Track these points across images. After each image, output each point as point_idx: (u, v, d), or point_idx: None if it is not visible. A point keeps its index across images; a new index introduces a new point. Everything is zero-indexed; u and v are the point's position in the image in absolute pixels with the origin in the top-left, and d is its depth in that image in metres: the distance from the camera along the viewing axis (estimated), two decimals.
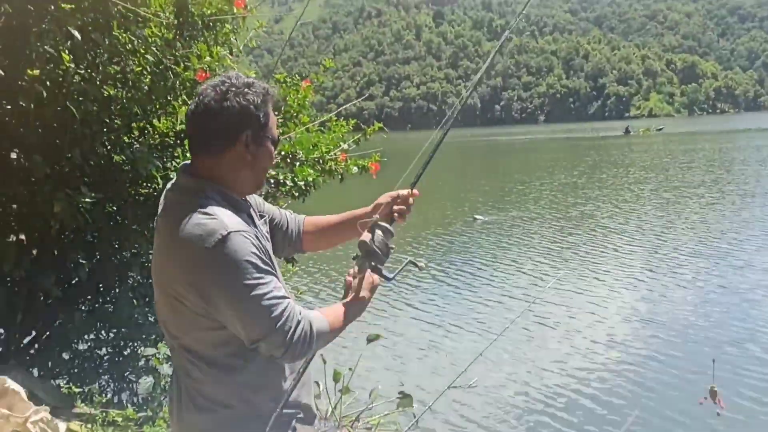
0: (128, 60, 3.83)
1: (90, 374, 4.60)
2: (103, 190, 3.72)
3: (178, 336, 1.79)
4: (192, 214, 1.66)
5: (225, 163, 1.76)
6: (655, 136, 66.68)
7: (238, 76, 1.78)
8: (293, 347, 1.67)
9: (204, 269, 1.62)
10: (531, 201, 20.78)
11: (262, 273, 1.64)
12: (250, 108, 1.73)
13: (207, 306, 1.66)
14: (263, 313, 1.62)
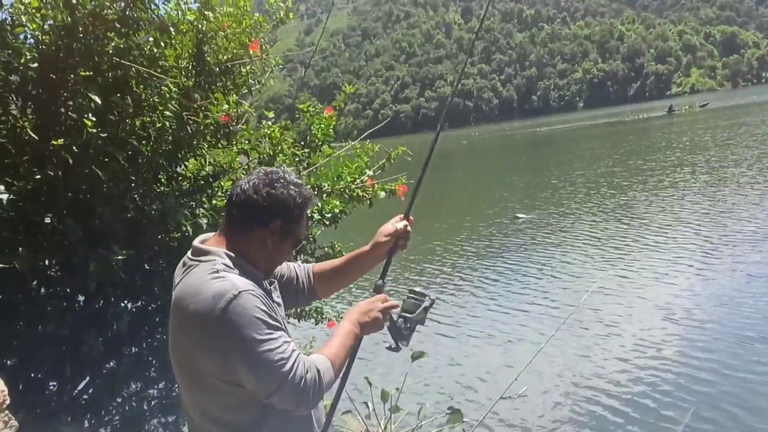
0: (150, 115, 3.94)
1: (139, 419, 4.72)
2: (135, 245, 3.83)
3: (195, 407, 1.87)
4: (205, 276, 1.79)
5: (249, 241, 1.92)
6: (699, 113, 65.07)
7: (291, 174, 1.99)
8: (305, 397, 1.75)
9: (218, 329, 1.71)
10: (570, 196, 20.42)
11: (271, 329, 1.75)
12: (289, 202, 1.93)
13: (224, 365, 1.74)
14: (274, 367, 1.72)
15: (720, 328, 7.69)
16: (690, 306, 8.64)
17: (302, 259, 5.18)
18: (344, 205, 5.05)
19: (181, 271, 1.92)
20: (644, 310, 8.73)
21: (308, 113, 5.58)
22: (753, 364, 6.59)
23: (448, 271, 12.55)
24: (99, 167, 3.53)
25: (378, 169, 5.36)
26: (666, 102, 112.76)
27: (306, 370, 1.77)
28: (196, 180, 4.56)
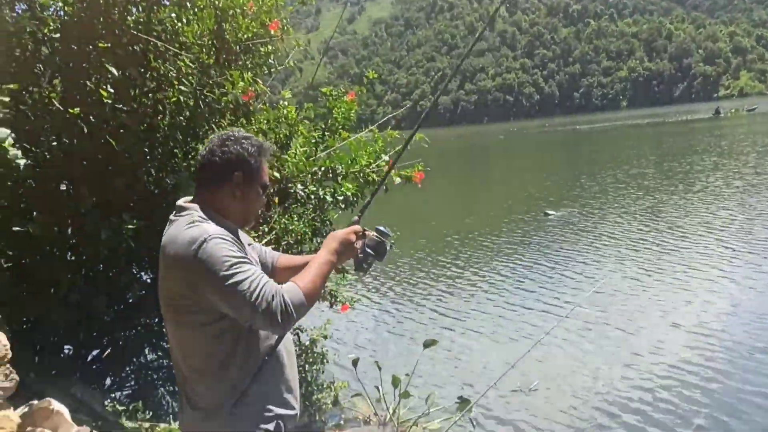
0: (166, 91, 4.01)
1: (149, 386, 4.86)
2: (147, 216, 3.92)
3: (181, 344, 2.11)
4: (183, 227, 2.03)
5: (218, 196, 2.16)
6: (745, 117, 63.51)
7: (240, 131, 2.23)
8: (274, 318, 1.95)
9: (195, 270, 1.95)
10: (602, 195, 20.11)
11: (238, 264, 1.97)
12: (244, 154, 2.15)
13: (202, 300, 1.99)
14: (243, 295, 1.93)
15: (733, 336, 7.51)
16: (705, 310, 8.46)
17: (317, 243, 5.24)
18: (358, 189, 5.08)
19: (166, 226, 2.13)
20: (662, 311, 8.59)
21: (330, 96, 5.63)
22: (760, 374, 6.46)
23: (470, 262, 12.52)
24: (114, 139, 3.61)
25: (394, 155, 5.38)
26: (712, 104, 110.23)
27: (272, 296, 1.95)
28: None
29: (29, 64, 3.81)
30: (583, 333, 8.03)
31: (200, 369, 2.07)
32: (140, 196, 4.00)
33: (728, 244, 11.85)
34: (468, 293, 10.38)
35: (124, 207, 3.80)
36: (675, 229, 13.80)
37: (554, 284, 10.47)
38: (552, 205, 18.42)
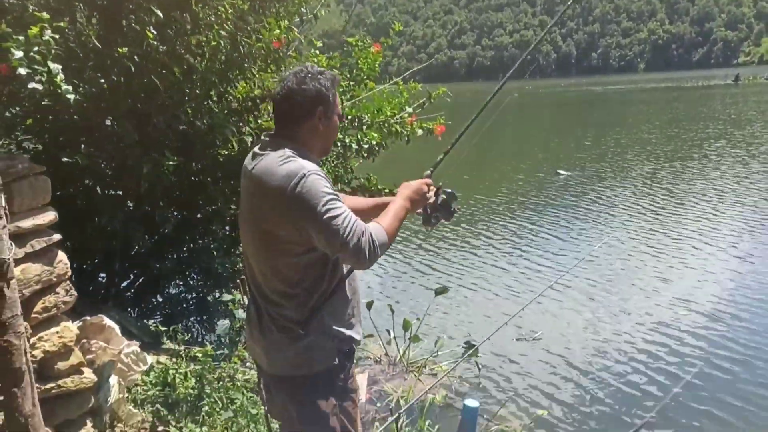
0: (206, 34, 4.19)
1: (177, 316, 5.16)
2: (185, 154, 4.15)
3: (268, 272, 2.28)
4: (277, 162, 2.16)
5: (303, 130, 2.29)
6: (763, 85, 62.71)
7: (313, 66, 2.32)
8: (362, 253, 2.10)
9: (294, 202, 2.09)
10: (611, 157, 20.30)
11: (333, 200, 2.10)
12: (323, 90, 2.27)
13: (299, 231, 2.13)
14: (337, 229, 2.07)
15: (730, 297, 7.78)
16: (704, 271, 8.71)
17: (339, 188, 5.46)
18: (382, 138, 5.28)
19: (253, 160, 2.27)
20: (663, 270, 8.86)
21: (357, 47, 5.78)
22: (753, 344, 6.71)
23: (481, 216, 12.78)
24: (157, 78, 3.81)
25: (418, 107, 5.56)
26: (731, 71, 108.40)
27: (362, 233, 2.10)
28: (245, 101, 4.83)
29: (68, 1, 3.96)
30: (586, 288, 8.31)
31: (288, 294, 2.26)
32: (179, 135, 4.21)
33: (732, 211, 12.05)
34: (478, 247, 10.66)
35: (164, 145, 4.02)
36: (681, 194, 14.06)
37: (561, 240, 10.80)
38: (563, 165, 18.59)
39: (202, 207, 5.02)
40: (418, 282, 8.91)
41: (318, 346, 2.28)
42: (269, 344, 2.33)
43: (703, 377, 5.91)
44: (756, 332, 6.79)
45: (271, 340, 2.32)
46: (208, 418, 3.68)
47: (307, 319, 2.26)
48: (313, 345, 2.27)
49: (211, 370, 3.90)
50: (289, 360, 2.30)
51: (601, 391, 5.78)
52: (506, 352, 6.63)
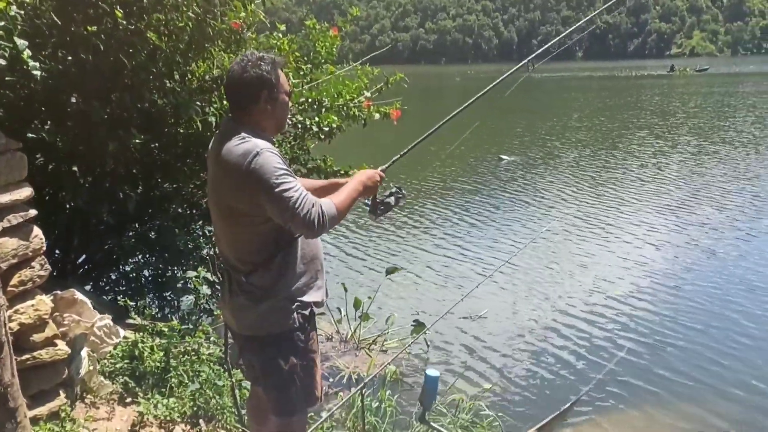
0: (171, 14, 4.23)
1: (136, 293, 5.21)
2: (150, 132, 4.21)
3: (232, 242, 2.54)
4: (233, 142, 2.38)
5: (254, 113, 2.49)
6: (694, 77, 65.22)
7: (253, 53, 2.52)
8: (311, 223, 2.32)
9: (249, 177, 2.31)
10: (550, 143, 21.17)
11: (286, 175, 2.33)
12: (264, 74, 2.45)
13: (255, 204, 2.35)
14: (289, 201, 2.29)
15: (666, 273, 8.34)
16: (640, 252, 9.27)
17: (295, 169, 5.58)
18: (340, 122, 5.42)
19: (216, 141, 2.51)
20: (604, 251, 9.37)
21: (314, 30, 5.89)
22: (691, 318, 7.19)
23: (432, 200, 13.07)
24: (124, 56, 3.85)
25: (375, 92, 5.72)
26: (664, 61, 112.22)
27: (312, 205, 2.33)
28: (206, 81, 4.89)
29: None
30: (531, 271, 8.70)
31: (251, 261, 2.49)
32: (143, 114, 4.26)
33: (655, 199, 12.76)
34: (429, 229, 10.97)
35: (130, 123, 4.07)
36: (616, 180, 14.85)
37: (507, 224, 11.25)
38: (505, 150, 19.09)
39: (161, 185, 5.07)
40: (370, 262, 9.12)
41: (278, 309, 2.52)
42: (236, 307, 2.58)
43: (635, 354, 6.32)
44: (683, 311, 7.28)
45: (237, 303, 2.56)
46: (176, 389, 3.80)
47: (269, 284, 2.49)
48: (274, 308, 2.52)
49: (176, 344, 4.00)
50: (253, 321, 2.55)
51: (542, 368, 6.11)
52: (453, 329, 6.90)
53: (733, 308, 7.34)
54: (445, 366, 6.16)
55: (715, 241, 9.78)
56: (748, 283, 8.13)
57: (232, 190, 2.40)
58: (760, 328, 6.84)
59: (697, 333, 6.74)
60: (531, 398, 5.59)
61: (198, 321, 4.67)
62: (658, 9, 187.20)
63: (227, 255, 2.58)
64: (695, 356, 6.25)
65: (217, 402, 3.82)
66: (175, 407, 3.71)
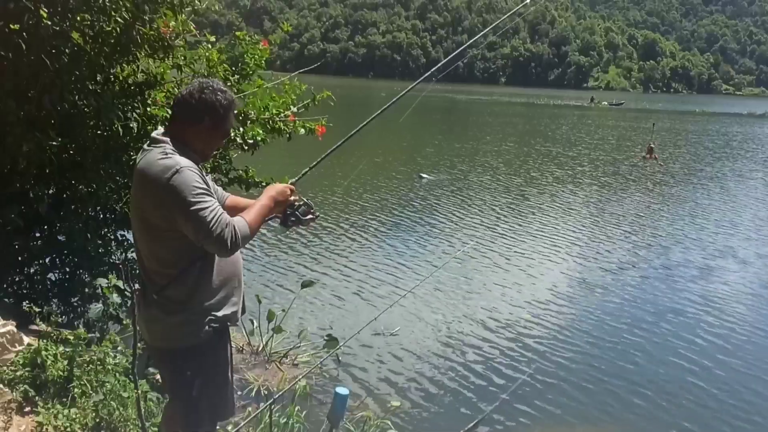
0: (98, 17, 4.16)
1: (40, 296, 5.03)
2: (69, 134, 4.11)
3: (148, 254, 2.55)
4: (157, 157, 2.41)
5: (189, 132, 2.54)
6: (607, 110, 68.40)
7: (218, 83, 2.60)
8: (224, 243, 2.38)
9: (166, 193, 2.35)
10: (471, 163, 21.91)
11: (203, 195, 2.37)
12: (216, 104, 2.54)
13: (170, 220, 2.38)
14: (203, 220, 2.34)
15: (575, 297, 8.74)
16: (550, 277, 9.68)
17: (216, 177, 5.54)
18: (266, 135, 5.43)
19: (141, 154, 2.52)
20: (515, 275, 9.71)
21: (244, 41, 5.87)
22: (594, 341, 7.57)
23: (351, 216, 13.11)
24: (47, 57, 3.76)
25: (302, 108, 5.76)
26: (582, 93, 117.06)
27: (225, 225, 2.38)
28: (128, 85, 4.82)
29: None
30: (445, 291, 8.91)
31: (165, 274, 2.51)
32: (63, 116, 4.15)
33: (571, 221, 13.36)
34: (347, 245, 11.04)
35: (48, 124, 3.96)
36: (533, 205, 15.46)
37: (424, 244, 11.46)
38: (425, 168, 19.45)
39: (75, 187, 4.93)
40: (285, 275, 9.09)
41: (190, 322, 2.55)
42: (149, 318, 2.60)
43: (540, 375, 6.59)
44: (586, 334, 7.67)
45: (150, 315, 2.59)
46: (79, 399, 3.70)
47: (183, 297, 2.53)
48: (185, 321, 2.55)
49: (82, 352, 3.90)
50: (164, 333, 2.59)
51: (449, 386, 6.29)
52: (365, 346, 6.98)
53: (635, 331, 7.83)
54: (355, 382, 6.24)
55: (615, 267, 10.34)
56: (651, 305, 8.77)
57: (148, 204, 2.43)
58: (660, 351, 7.32)
59: (600, 355, 7.13)
60: (437, 416, 5.75)
61: (105, 330, 4.56)
62: (578, 42, 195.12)
63: (145, 265, 2.59)
64: (597, 378, 6.59)
65: (121, 414, 3.74)
66: (76, 418, 3.61)
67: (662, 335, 7.76)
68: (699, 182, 20.23)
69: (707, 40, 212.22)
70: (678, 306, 8.78)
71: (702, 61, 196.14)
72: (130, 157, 4.94)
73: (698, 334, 7.82)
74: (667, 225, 13.97)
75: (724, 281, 10.00)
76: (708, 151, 30.13)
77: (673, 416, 5.94)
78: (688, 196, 17.57)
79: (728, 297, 9.26)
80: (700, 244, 12.28)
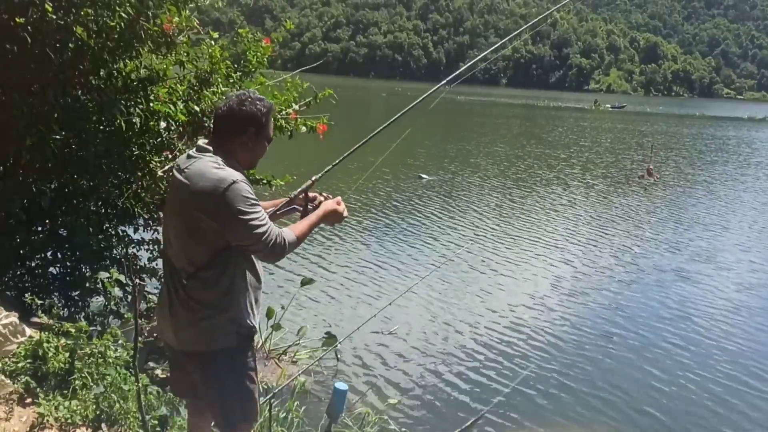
0: (103, 12, 4.19)
1: (41, 290, 5.05)
2: (72, 129, 4.13)
3: (185, 258, 2.61)
4: (209, 166, 2.53)
5: (235, 144, 2.64)
6: (606, 113, 68.44)
7: (255, 93, 2.71)
8: (273, 251, 2.57)
9: (221, 203, 2.47)
10: (472, 164, 21.89)
11: (256, 207, 2.53)
12: (258, 114, 2.64)
13: (220, 228, 2.51)
14: (256, 231, 2.51)
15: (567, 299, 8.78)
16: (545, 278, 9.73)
17: None
18: None
19: (187, 161, 2.62)
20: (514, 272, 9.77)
21: (247, 39, 5.90)
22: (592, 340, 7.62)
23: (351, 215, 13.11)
24: (51, 51, 3.79)
25: (304, 106, 5.79)
26: (582, 95, 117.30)
27: (276, 235, 2.57)
28: (130, 80, 4.84)
29: None
30: (444, 290, 8.95)
31: (197, 276, 2.59)
32: (67, 110, 4.18)
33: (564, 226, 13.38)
34: (346, 244, 11.09)
35: (52, 118, 3.99)
36: (536, 207, 15.48)
37: (423, 243, 11.49)
38: (425, 169, 19.49)
39: (77, 181, 4.96)
40: (285, 272, 9.11)
41: (219, 327, 2.63)
42: (176, 322, 2.67)
43: (538, 373, 6.63)
44: (585, 333, 7.72)
45: (178, 319, 2.66)
46: (80, 392, 3.73)
47: (212, 301, 2.62)
48: (215, 325, 2.62)
49: (83, 345, 3.93)
50: (193, 337, 2.65)
51: (448, 384, 6.33)
52: (364, 343, 7.01)
53: (631, 331, 7.88)
54: (354, 379, 6.26)
55: (613, 268, 10.38)
56: (647, 305, 8.86)
57: (198, 210, 2.52)
58: (656, 351, 7.37)
59: (599, 355, 7.17)
60: (436, 414, 5.78)
61: (106, 323, 4.59)
62: (579, 44, 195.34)
63: (174, 267, 2.67)
64: (595, 378, 6.63)
65: (122, 406, 3.77)
66: (77, 410, 3.64)
67: (658, 336, 7.82)
68: (686, 186, 20.37)
69: (709, 44, 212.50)
70: (673, 307, 8.86)
71: (704, 64, 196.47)
72: (133, 153, 4.98)
73: (688, 336, 7.91)
74: (652, 228, 14.04)
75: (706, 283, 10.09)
76: (699, 155, 30.27)
77: (668, 415, 5.98)
78: (674, 200, 17.72)
79: (721, 297, 9.34)
80: (687, 247, 12.41)
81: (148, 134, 4.91)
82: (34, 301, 3.88)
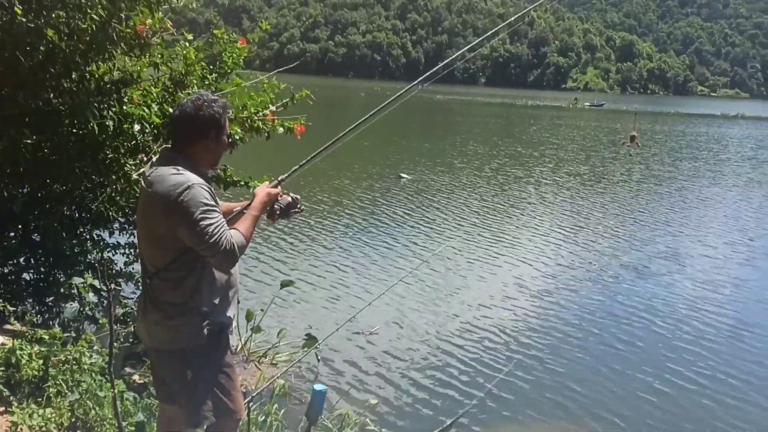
0: (74, 14, 4.13)
1: (14, 296, 4.98)
2: (44, 132, 4.07)
3: (151, 260, 2.71)
4: (168, 171, 2.59)
5: (197, 148, 2.71)
6: (584, 111, 69.03)
7: (208, 95, 2.76)
8: (227, 258, 2.62)
9: (175, 208, 2.53)
10: (450, 163, 21.99)
11: (211, 211, 2.57)
12: (216, 116, 2.71)
13: (175, 232, 2.57)
14: (211, 237, 2.55)
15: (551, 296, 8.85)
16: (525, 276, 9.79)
17: None
18: (244, 134, 5.42)
19: (151, 168, 2.70)
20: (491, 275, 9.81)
21: (222, 40, 5.85)
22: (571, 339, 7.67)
23: (329, 216, 13.14)
24: (22, 54, 3.73)
25: (281, 107, 5.75)
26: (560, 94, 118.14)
27: (228, 241, 2.59)
28: (104, 83, 4.78)
29: None
30: (423, 289, 8.97)
31: (166, 277, 2.66)
32: (39, 113, 4.12)
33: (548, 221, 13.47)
34: (326, 245, 11.08)
35: (23, 122, 3.93)
36: (515, 204, 15.67)
37: (403, 243, 11.51)
38: (405, 168, 19.52)
39: (50, 185, 4.89)
40: (264, 274, 9.08)
41: (188, 325, 2.69)
42: (149, 321, 2.74)
43: (517, 373, 6.65)
44: (564, 333, 7.76)
45: (150, 318, 2.75)
46: (54, 399, 3.68)
47: (181, 301, 2.69)
48: (185, 323, 2.70)
49: (57, 352, 3.88)
50: (164, 335, 2.73)
51: (428, 384, 6.34)
52: (344, 345, 7.01)
53: (611, 329, 7.96)
54: (334, 381, 6.25)
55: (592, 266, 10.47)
56: (626, 302, 8.95)
57: (157, 215, 2.61)
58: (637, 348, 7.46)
59: (577, 354, 7.23)
60: (416, 413, 5.79)
61: (81, 329, 4.53)
62: (557, 43, 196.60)
63: (147, 270, 2.75)
64: (574, 376, 6.68)
65: (97, 413, 3.73)
66: (51, 417, 3.59)
67: (640, 332, 7.91)
68: (654, 183, 20.58)
69: (683, 42, 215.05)
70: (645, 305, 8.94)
71: (678, 62, 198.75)
72: (106, 156, 4.91)
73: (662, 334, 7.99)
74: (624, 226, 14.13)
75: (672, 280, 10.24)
76: (670, 152, 30.63)
77: (649, 412, 6.03)
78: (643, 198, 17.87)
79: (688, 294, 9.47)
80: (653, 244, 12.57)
81: (122, 137, 4.86)
82: (7, 308, 3.82)
